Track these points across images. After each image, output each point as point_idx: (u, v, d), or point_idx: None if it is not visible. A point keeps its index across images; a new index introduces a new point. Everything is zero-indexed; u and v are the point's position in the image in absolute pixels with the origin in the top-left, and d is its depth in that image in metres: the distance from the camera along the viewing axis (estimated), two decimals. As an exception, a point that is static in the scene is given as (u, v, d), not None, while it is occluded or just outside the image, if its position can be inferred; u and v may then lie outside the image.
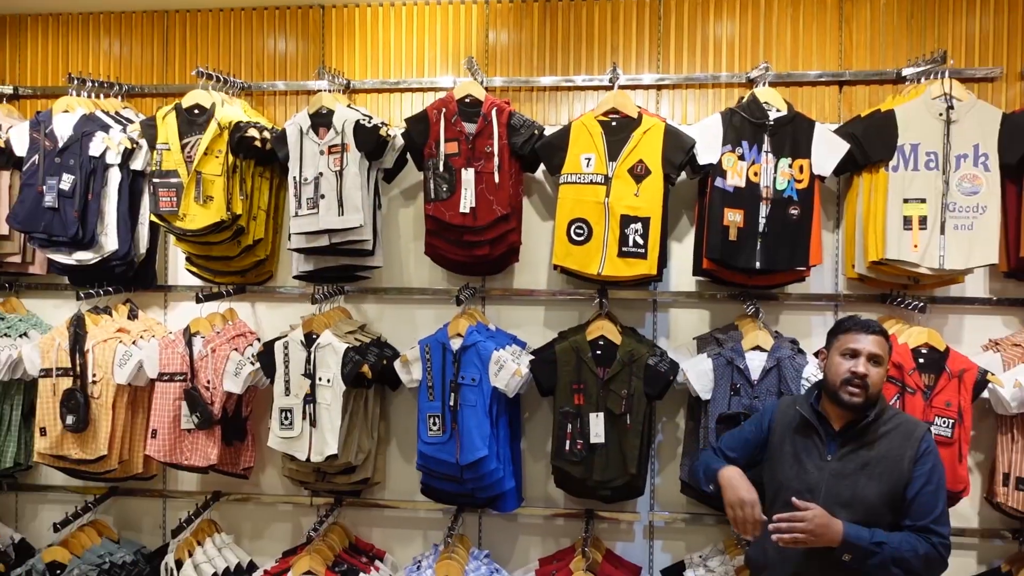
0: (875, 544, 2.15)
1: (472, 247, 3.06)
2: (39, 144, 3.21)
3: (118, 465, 3.22)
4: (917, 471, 2.22)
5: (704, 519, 3.32)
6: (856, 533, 2.17)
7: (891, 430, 2.28)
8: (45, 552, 3.26)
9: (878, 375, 2.28)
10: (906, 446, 2.25)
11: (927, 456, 2.24)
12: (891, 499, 2.23)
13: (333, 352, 3.03)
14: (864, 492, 2.24)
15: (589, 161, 3.01)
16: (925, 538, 2.17)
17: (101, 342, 3.20)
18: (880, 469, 2.25)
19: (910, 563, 2.15)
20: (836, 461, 2.30)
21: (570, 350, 3.02)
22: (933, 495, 2.21)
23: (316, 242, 3.09)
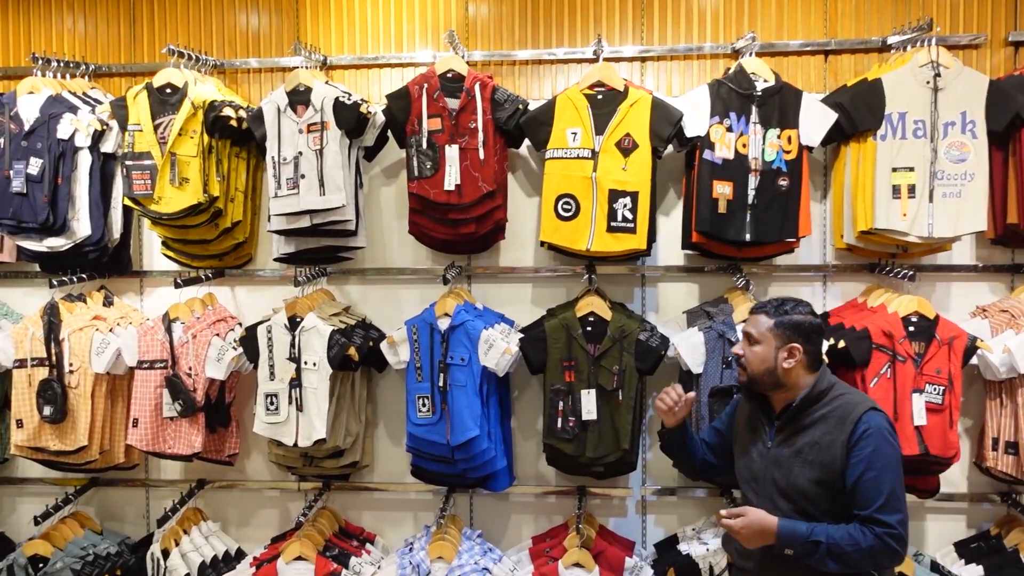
0: (810, 542, 2.06)
1: (457, 225, 3.00)
2: (4, 127, 3.08)
3: (99, 455, 3.14)
4: (854, 457, 2.08)
5: (696, 492, 3.32)
6: (791, 531, 2.09)
7: (828, 413, 2.17)
8: (26, 545, 3.18)
9: (753, 354, 2.23)
10: (840, 430, 2.12)
11: (866, 440, 2.08)
12: (825, 486, 2.13)
13: (318, 335, 2.96)
14: (797, 479, 2.16)
15: (575, 135, 2.95)
16: (870, 529, 2.04)
17: (77, 330, 3.10)
18: (812, 455, 2.15)
19: (851, 557, 2.03)
20: (775, 447, 2.24)
21: (560, 327, 2.98)
22: (875, 482, 2.05)
23: (297, 223, 3.01)
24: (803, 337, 2.20)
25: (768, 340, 2.21)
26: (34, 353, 3.09)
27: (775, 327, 2.21)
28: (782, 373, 2.20)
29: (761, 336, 2.23)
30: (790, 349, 2.19)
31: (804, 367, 2.21)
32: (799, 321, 2.21)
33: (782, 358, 2.19)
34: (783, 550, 2.10)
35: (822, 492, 2.13)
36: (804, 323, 2.21)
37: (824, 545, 2.04)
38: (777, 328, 2.21)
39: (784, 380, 2.21)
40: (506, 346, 2.90)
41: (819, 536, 2.05)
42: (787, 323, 2.21)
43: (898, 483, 2.08)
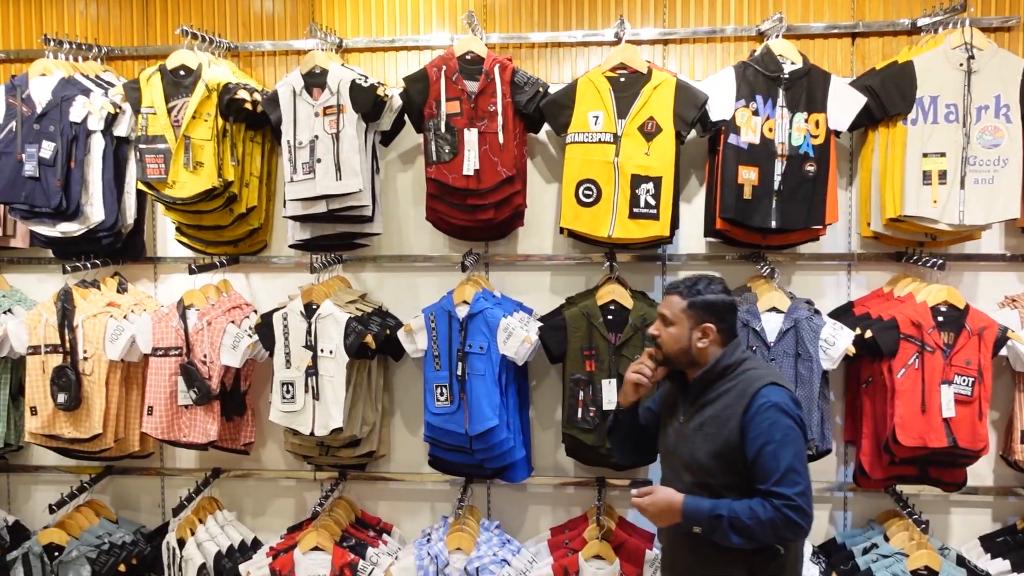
0: (713, 516, 2.05)
1: (476, 211, 2.95)
2: (16, 110, 3.04)
3: (114, 443, 3.11)
4: (752, 431, 2.07)
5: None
6: (694, 507, 2.09)
7: (731, 388, 2.16)
8: (41, 534, 3.16)
9: (668, 335, 2.23)
10: (738, 404, 2.11)
11: (763, 413, 2.07)
12: (723, 460, 2.12)
13: (335, 322, 2.91)
14: (698, 453, 2.16)
15: (597, 119, 2.88)
16: (770, 502, 2.02)
17: (91, 317, 3.06)
18: (711, 429, 2.15)
19: (753, 530, 2.02)
20: (685, 422, 2.24)
21: (580, 315, 2.92)
22: (773, 455, 2.03)
23: (313, 208, 2.96)
24: (716, 316, 2.20)
25: (682, 321, 2.20)
26: (48, 340, 3.06)
27: (688, 308, 2.20)
28: (696, 352, 2.20)
29: (675, 317, 2.22)
30: (704, 329, 2.19)
31: (717, 344, 2.21)
32: (712, 301, 2.20)
33: (696, 338, 2.19)
34: (690, 527, 2.10)
35: (720, 465, 2.12)
36: (717, 302, 2.20)
37: (726, 519, 2.03)
38: (690, 309, 2.20)
39: (699, 359, 2.21)
40: (526, 334, 2.85)
41: (721, 511, 2.05)
42: (700, 303, 2.20)
43: (797, 456, 2.06)
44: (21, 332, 3.09)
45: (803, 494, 2.03)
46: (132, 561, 3.23)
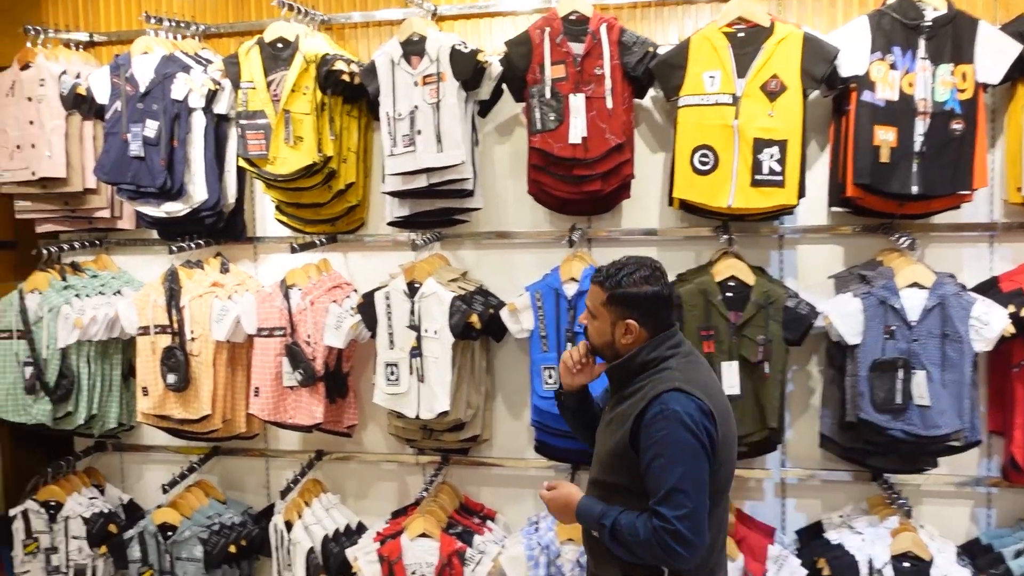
0: (599, 523, 1.92)
1: (582, 182, 2.78)
2: (120, 90, 3.04)
3: (222, 424, 3.11)
4: (644, 439, 1.87)
5: (842, 475, 3.01)
6: (587, 510, 1.97)
7: (641, 387, 1.94)
8: (155, 513, 3.21)
9: (593, 328, 2.05)
10: (638, 404, 1.91)
11: (658, 422, 1.85)
12: (618, 460, 1.95)
13: (438, 302, 2.81)
14: (601, 448, 2.05)
15: (713, 79, 2.66)
16: (651, 522, 1.83)
17: (197, 297, 3.06)
18: (614, 426, 1.99)
19: (630, 545, 1.87)
20: (606, 415, 2.09)
21: (697, 293, 2.72)
22: (661, 470, 1.83)
23: (413, 183, 2.85)
24: (639, 310, 1.96)
25: (603, 315, 2.00)
26: (156, 320, 3.07)
27: (608, 302, 1.98)
28: (622, 349, 2.00)
29: (596, 311, 2.02)
30: (627, 325, 1.97)
31: (646, 340, 1.99)
32: (633, 294, 1.95)
33: (619, 334, 1.99)
34: (589, 529, 1.99)
35: (616, 464, 1.98)
36: (639, 296, 1.95)
37: (608, 529, 1.90)
38: (610, 303, 1.98)
39: (624, 353, 2.00)
40: (639, 313, 2.67)
41: (607, 519, 1.91)
42: (620, 296, 1.96)
43: (687, 476, 1.82)
44: (131, 313, 3.12)
45: (686, 518, 1.80)
46: (242, 542, 3.25)
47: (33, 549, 3.36)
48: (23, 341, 3.23)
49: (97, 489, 3.53)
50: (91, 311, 3.14)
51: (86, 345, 3.22)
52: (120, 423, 3.40)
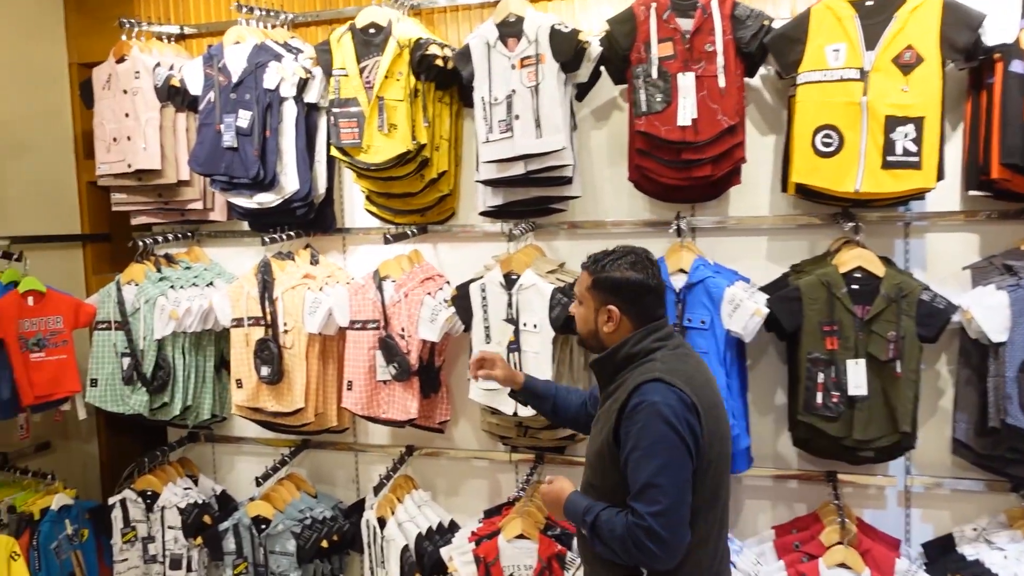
0: (582, 520, 1.88)
1: (691, 167, 2.60)
2: (213, 80, 3.01)
3: (314, 418, 3.07)
4: (624, 430, 1.81)
5: (974, 485, 2.76)
6: (573, 506, 1.93)
7: (626, 381, 1.87)
8: (249, 506, 3.19)
9: (578, 315, 2.02)
10: (621, 397, 1.85)
11: (638, 414, 1.78)
12: (603, 459, 1.89)
13: (538, 294, 2.68)
14: (590, 448, 2.00)
15: (838, 53, 2.44)
16: (627, 517, 1.77)
17: (289, 289, 3.02)
18: (600, 423, 1.94)
19: (607, 543, 1.81)
20: (598, 412, 2.01)
21: (819, 285, 2.51)
22: (636, 464, 1.76)
23: (509, 171, 2.72)
24: (620, 297, 1.92)
25: (587, 301, 1.97)
26: (250, 312, 3.05)
27: (592, 287, 1.96)
28: (605, 338, 1.95)
29: (582, 296, 2.00)
30: (608, 311, 1.93)
31: (630, 330, 1.93)
32: (616, 279, 1.91)
33: (602, 321, 1.95)
34: (579, 527, 1.95)
35: (598, 464, 1.93)
36: (622, 281, 1.91)
37: (589, 524, 1.85)
38: (594, 288, 1.95)
39: (608, 344, 1.95)
40: (756, 307, 2.49)
41: (590, 515, 1.86)
42: (604, 282, 1.93)
43: (664, 470, 1.75)
44: (225, 305, 3.10)
45: (660, 515, 1.73)
46: (334, 538, 3.21)
47: (131, 538, 3.40)
48: (121, 332, 3.25)
49: (191, 479, 3.55)
50: (186, 303, 3.14)
51: (181, 336, 3.23)
52: (213, 414, 3.40)
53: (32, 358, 3.15)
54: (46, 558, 3.21)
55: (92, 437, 4.02)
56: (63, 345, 3.24)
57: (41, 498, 3.31)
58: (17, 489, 3.42)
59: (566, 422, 2.35)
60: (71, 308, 3.26)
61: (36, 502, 3.28)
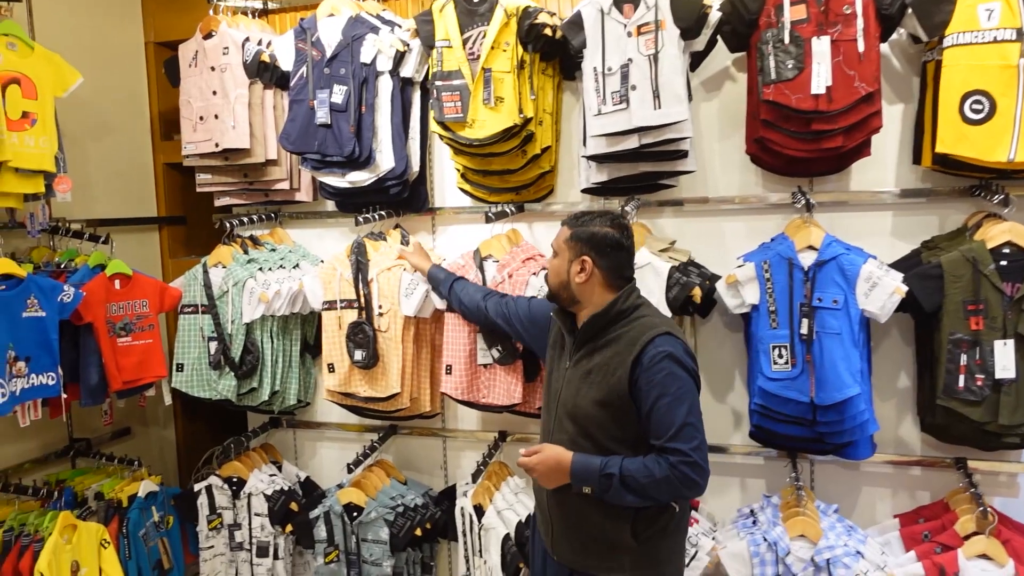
0: (604, 475, 1.95)
1: (820, 138, 2.44)
2: (306, 55, 2.90)
3: (409, 402, 2.97)
4: (646, 382, 1.94)
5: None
6: (584, 466, 1.99)
7: (622, 335, 2.02)
8: (340, 493, 3.11)
9: (551, 266, 2.16)
10: (627, 352, 1.98)
11: (658, 363, 1.93)
12: (609, 409, 2.00)
13: (654, 273, 2.55)
14: (583, 401, 2.05)
15: (991, 13, 2.28)
16: (665, 459, 1.91)
17: (385, 270, 2.91)
18: (598, 377, 2.02)
19: (647, 488, 1.92)
20: (571, 367, 2.12)
21: (963, 262, 2.36)
22: (668, 408, 1.92)
23: (621, 145, 2.58)
24: (595, 250, 2.07)
25: (563, 252, 2.11)
26: (343, 295, 2.95)
27: (570, 238, 2.11)
28: (576, 288, 2.09)
29: (558, 248, 2.14)
30: (581, 262, 2.07)
31: (601, 284, 2.08)
32: (593, 232, 2.08)
33: (575, 271, 2.08)
34: (580, 487, 2.00)
35: (605, 414, 2.01)
36: (598, 235, 2.07)
37: (617, 478, 1.93)
38: (572, 240, 2.10)
39: (579, 296, 2.10)
40: (896, 285, 2.34)
41: (612, 469, 1.95)
42: (581, 234, 2.09)
43: (692, 410, 1.96)
44: (317, 287, 3.01)
45: (699, 449, 1.94)
46: (427, 525, 3.12)
47: (216, 524, 3.34)
48: (208, 315, 3.18)
49: (275, 466, 3.49)
50: (275, 285, 3.05)
51: (269, 320, 3.14)
52: (298, 400, 3.33)
53: (119, 343, 3.09)
54: (135, 546, 3.16)
55: (169, 423, 3.97)
56: (149, 330, 3.17)
57: (128, 485, 3.26)
58: (102, 476, 3.37)
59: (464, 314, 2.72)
60: (157, 292, 3.19)
61: (123, 489, 3.23)
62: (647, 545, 2.06)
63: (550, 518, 2.20)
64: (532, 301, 2.54)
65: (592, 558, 2.11)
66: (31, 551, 2.78)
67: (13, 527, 2.86)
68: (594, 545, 2.10)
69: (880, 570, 2.47)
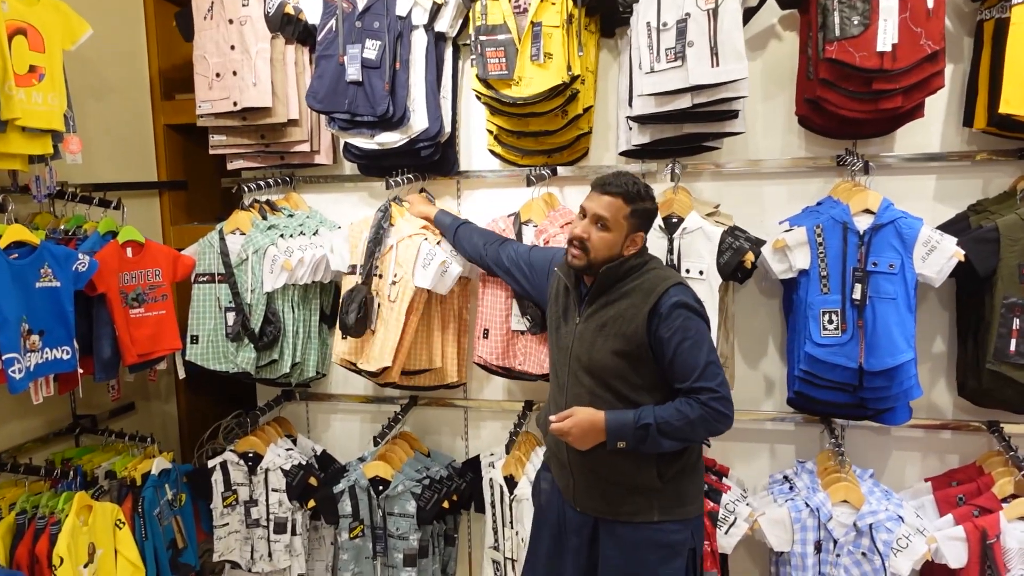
0: (640, 427, 2.01)
1: (879, 98, 2.40)
2: (335, 7, 2.74)
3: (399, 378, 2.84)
4: (666, 330, 2.03)
5: None
6: (619, 422, 2.04)
7: (636, 287, 2.10)
8: (366, 467, 3.01)
9: (600, 240, 2.10)
10: (644, 303, 2.06)
11: (676, 312, 2.03)
12: (627, 359, 2.08)
13: (704, 238, 2.49)
14: (599, 353, 2.11)
15: (1055, -30, 2.24)
16: (695, 399, 2.01)
17: (406, 238, 2.78)
18: (615, 328, 2.09)
19: (684, 431, 2.02)
20: (583, 322, 2.17)
21: (1020, 224, 2.35)
22: (691, 350, 2.02)
23: (672, 104, 2.50)
24: (648, 224, 2.17)
25: (621, 227, 2.10)
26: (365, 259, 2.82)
27: (631, 215, 2.11)
28: (621, 260, 2.12)
29: (615, 223, 2.10)
30: (635, 238, 2.13)
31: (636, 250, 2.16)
32: (648, 210, 2.14)
33: (628, 245, 2.13)
34: (615, 444, 2.05)
35: (623, 364, 2.08)
36: (652, 211, 2.16)
37: (654, 427, 2.01)
38: (632, 216, 2.11)
39: (606, 261, 2.12)
40: (954, 249, 2.33)
41: (647, 419, 2.02)
42: (641, 212, 2.12)
43: (711, 351, 2.06)
44: (344, 249, 2.87)
45: (724, 384, 2.04)
46: (453, 497, 3.05)
47: (232, 501, 3.22)
48: (225, 285, 3.02)
49: (290, 440, 3.37)
50: (298, 253, 2.91)
51: (290, 289, 3.00)
52: (317, 371, 3.21)
53: (132, 314, 2.92)
54: (151, 525, 3.02)
55: (171, 397, 3.82)
56: (163, 300, 3.01)
57: (140, 463, 3.11)
58: (111, 454, 3.22)
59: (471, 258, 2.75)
60: (170, 260, 3.02)
61: (136, 467, 3.08)
62: (672, 484, 2.14)
63: (571, 472, 2.25)
64: (533, 249, 2.57)
65: (621, 504, 2.16)
66: (47, 534, 2.63)
67: (26, 509, 2.70)
68: (621, 492, 2.16)
69: (920, 534, 2.49)
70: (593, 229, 2.11)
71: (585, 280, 2.21)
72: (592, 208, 2.12)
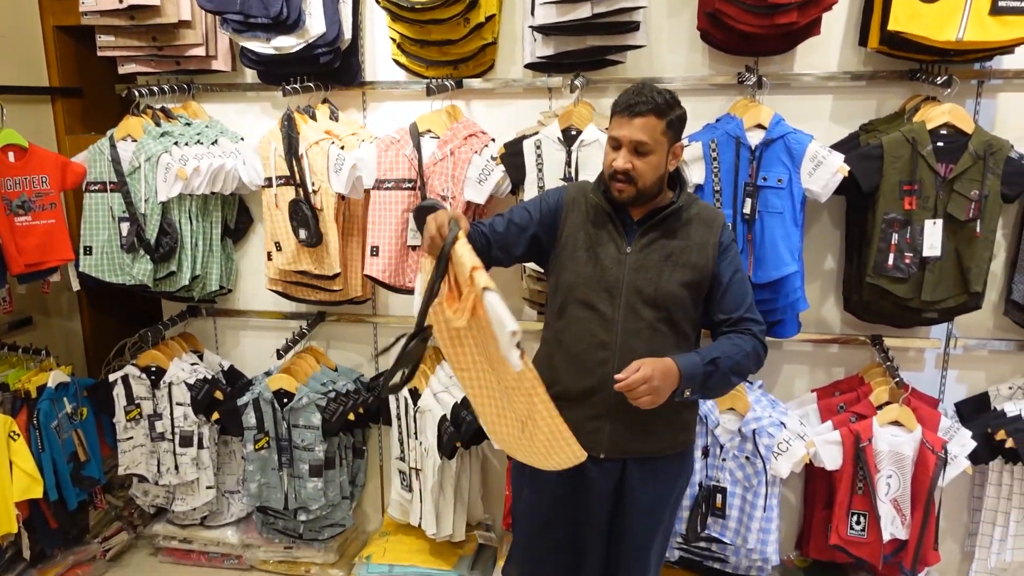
0: (709, 364, 1.89)
1: (775, 12, 2.39)
2: (224, -103, 2.59)
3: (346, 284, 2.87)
4: (724, 260, 2.00)
5: (1011, 347, 2.82)
6: (690, 364, 1.88)
7: (694, 217, 2.02)
8: (270, 380, 3.01)
9: (645, 166, 1.92)
10: (710, 232, 2.01)
11: (731, 244, 2.03)
12: (693, 288, 2.00)
13: (602, 150, 2.48)
14: (667, 284, 1.97)
15: None
16: (746, 330, 1.98)
17: (313, 144, 2.73)
18: (685, 259, 1.99)
19: (744, 365, 1.96)
20: (636, 253, 2.00)
21: (903, 142, 2.41)
22: (742, 282, 2.02)
23: (573, 13, 2.46)
24: (682, 130, 2.00)
25: (661, 145, 1.93)
26: (279, 171, 2.76)
27: (668, 128, 1.92)
28: (665, 177, 2.00)
29: (655, 143, 1.91)
30: (675, 150, 1.98)
31: None
32: (683, 115, 1.97)
33: (670, 160, 1.98)
34: (683, 393, 1.88)
35: (689, 295, 2.00)
36: (685, 116, 1.98)
37: (724, 364, 1.90)
38: (669, 129, 1.93)
39: (658, 187, 1.99)
40: (839, 164, 2.38)
41: (716, 358, 1.90)
42: (676, 120, 1.94)
43: None
44: (256, 162, 2.80)
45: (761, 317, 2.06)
46: (359, 410, 3.08)
47: (135, 415, 3.19)
48: (117, 194, 2.92)
49: (196, 355, 3.33)
50: (193, 161, 2.82)
51: (187, 199, 2.93)
52: (220, 286, 3.16)
53: (18, 222, 2.81)
54: (48, 437, 2.98)
55: (74, 313, 3.72)
56: (51, 208, 2.90)
57: (35, 375, 3.05)
58: (6, 367, 3.14)
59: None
60: (58, 167, 2.90)
61: (31, 380, 3.01)
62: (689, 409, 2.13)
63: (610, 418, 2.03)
64: (506, 213, 2.13)
65: (663, 436, 2.06)
66: (-67, 444, 2.58)
67: (-90, 420, 2.64)
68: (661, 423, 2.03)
69: (800, 439, 2.62)
70: (634, 158, 1.91)
71: (629, 209, 2.02)
72: (626, 136, 1.90)
